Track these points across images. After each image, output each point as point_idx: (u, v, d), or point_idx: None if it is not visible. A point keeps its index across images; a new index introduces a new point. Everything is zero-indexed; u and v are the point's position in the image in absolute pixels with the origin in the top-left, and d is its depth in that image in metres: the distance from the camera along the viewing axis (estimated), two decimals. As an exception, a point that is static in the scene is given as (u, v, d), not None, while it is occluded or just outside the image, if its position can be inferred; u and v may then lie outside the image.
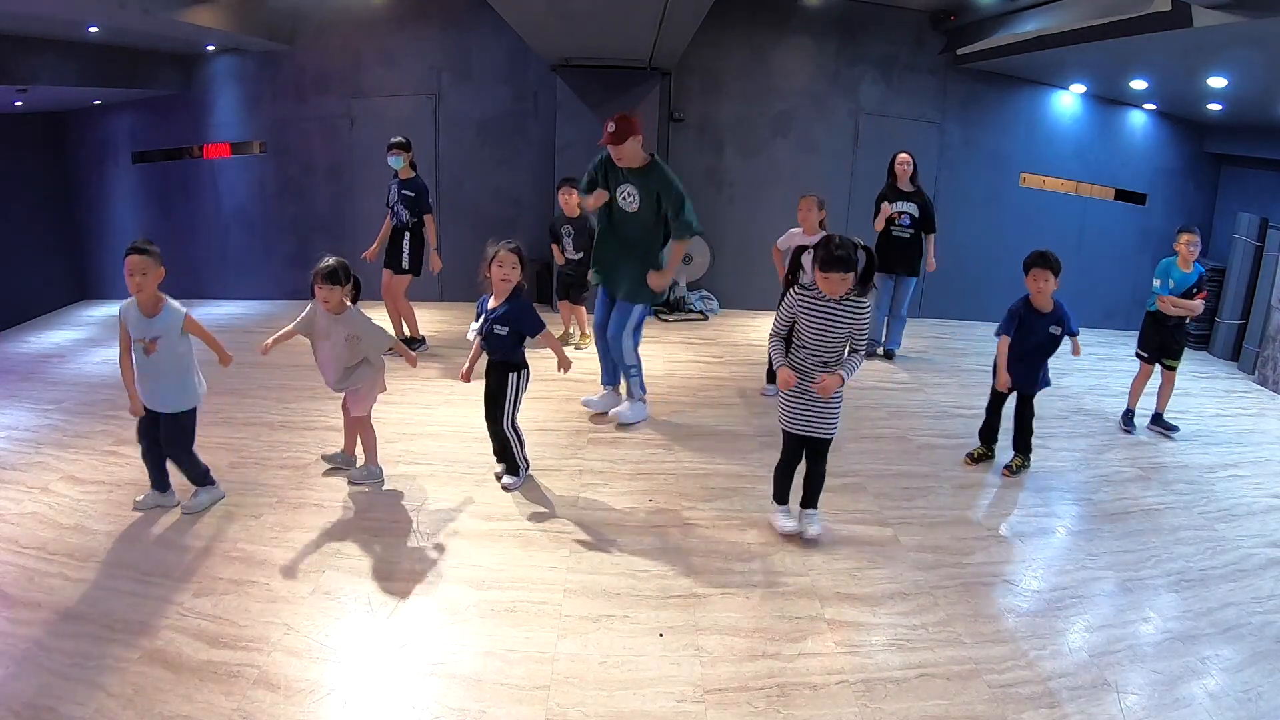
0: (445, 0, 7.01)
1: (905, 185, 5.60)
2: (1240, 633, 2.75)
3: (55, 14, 5.27)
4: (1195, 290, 4.48)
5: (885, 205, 5.58)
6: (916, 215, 5.57)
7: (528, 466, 3.66)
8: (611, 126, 3.88)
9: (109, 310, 7.58)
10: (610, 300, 4.32)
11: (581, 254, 5.48)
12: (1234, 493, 3.95)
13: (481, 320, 3.39)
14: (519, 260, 3.34)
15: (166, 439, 3.20)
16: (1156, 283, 4.55)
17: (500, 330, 3.35)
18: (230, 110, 7.61)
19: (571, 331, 6.01)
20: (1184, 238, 4.45)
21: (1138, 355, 4.77)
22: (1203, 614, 2.86)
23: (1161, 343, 4.63)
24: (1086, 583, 3.05)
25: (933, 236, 5.65)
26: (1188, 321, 4.66)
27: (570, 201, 5.48)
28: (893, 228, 5.57)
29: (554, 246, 5.72)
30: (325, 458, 3.72)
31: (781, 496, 3.31)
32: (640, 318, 4.28)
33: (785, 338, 3.10)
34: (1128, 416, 4.81)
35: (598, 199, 4.12)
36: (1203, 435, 4.76)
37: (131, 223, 8.24)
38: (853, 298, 2.93)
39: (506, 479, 3.59)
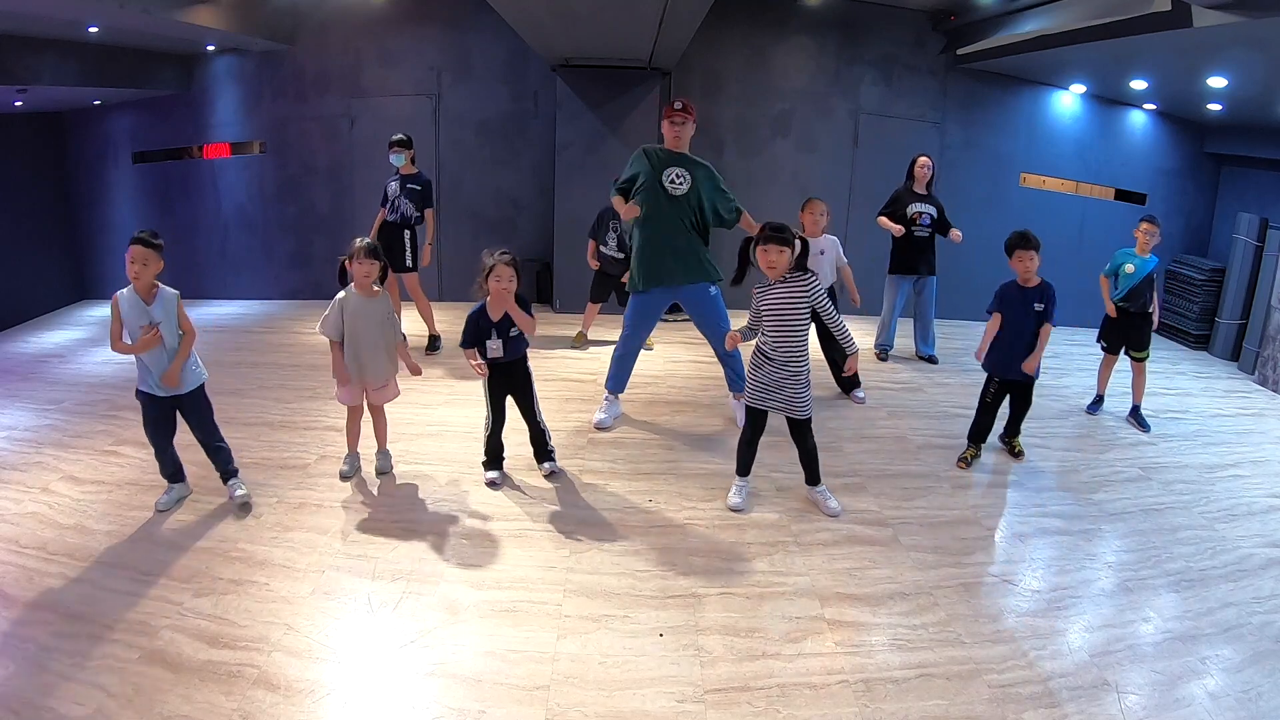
0: (445, 0, 7.02)
1: (921, 188, 5.60)
2: (1240, 633, 2.75)
3: (55, 14, 5.28)
4: (1154, 278, 4.64)
5: (886, 219, 5.57)
6: (936, 215, 5.58)
7: (554, 449, 3.76)
8: (679, 105, 3.99)
9: (109, 310, 7.57)
10: (654, 307, 4.25)
11: (624, 255, 5.48)
12: (1234, 493, 3.94)
13: (494, 335, 3.40)
14: (515, 272, 3.36)
15: (199, 423, 3.28)
16: (1130, 268, 4.64)
17: (515, 333, 3.45)
18: (230, 110, 7.62)
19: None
20: (1143, 225, 4.64)
21: (1099, 343, 4.92)
22: (1203, 614, 2.86)
23: (1124, 334, 4.74)
24: (1086, 583, 3.05)
25: (950, 227, 5.65)
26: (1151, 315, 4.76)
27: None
28: (914, 228, 5.54)
29: (591, 241, 5.61)
30: (344, 476, 3.64)
31: (742, 469, 3.50)
32: (722, 302, 4.29)
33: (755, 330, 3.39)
34: (1096, 402, 5.01)
35: (631, 210, 4.10)
36: (1203, 435, 4.76)
37: (131, 222, 8.24)
38: (795, 275, 3.22)
39: (546, 465, 3.69)
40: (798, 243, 3.21)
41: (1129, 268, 4.62)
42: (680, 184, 4.02)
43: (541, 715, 2.24)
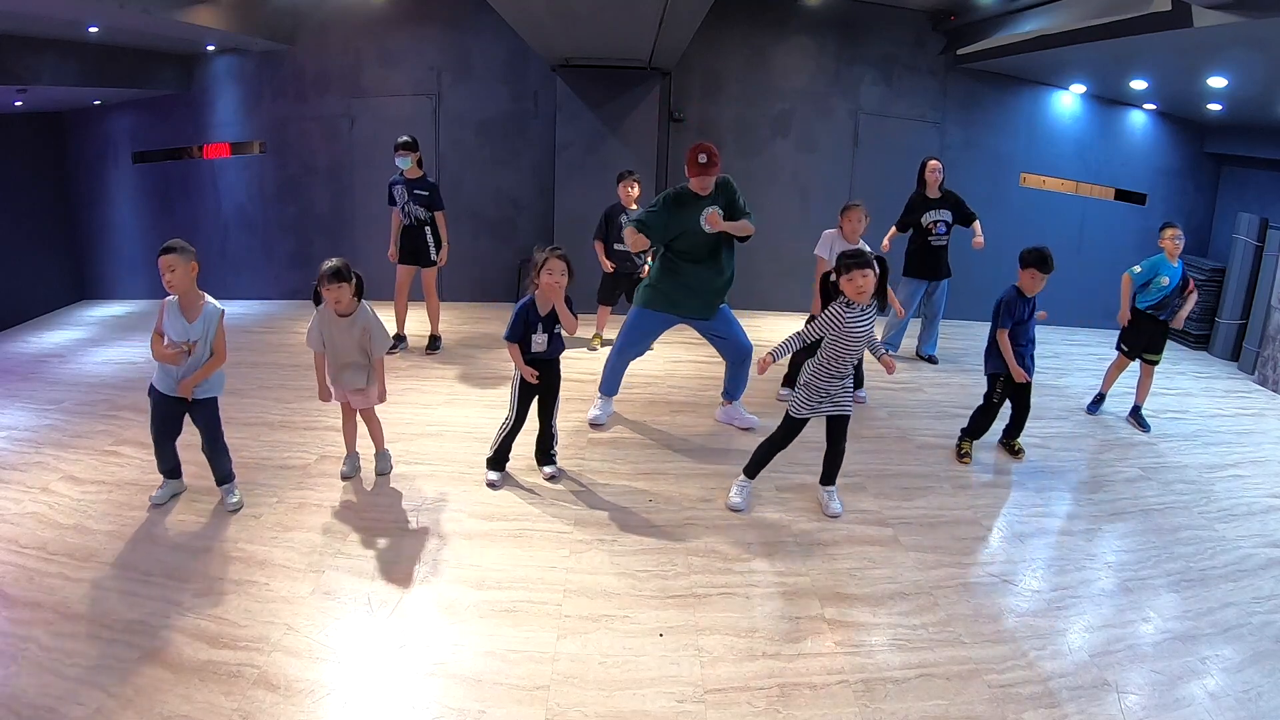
0: (445, 0, 7.01)
1: (934, 192, 5.56)
2: (1240, 633, 2.75)
3: (55, 14, 5.28)
4: (1182, 288, 4.64)
5: (892, 232, 5.56)
6: (951, 221, 5.56)
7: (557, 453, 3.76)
8: (704, 157, 3.82)
9: (109, 310, 7.59)
10: (656, 328, 4.25)
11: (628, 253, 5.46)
12: (1234, 493, 3.95)
13: (540, 329, 3.42)
14: (568, 266, 3.38)
15: (206, 429, 3.28)
16: (1165, 280, 4.60)
17: (559, 330, 3.48)
18: (230, 110, 7.61)
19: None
20: (1168, 232, 4.62)
21: (1119, 349, 4.86)
22: (1203, 614, 2.86)
23: (1147, 338, 4.71)
24: (1086, 583, 3.05)
25: (976, 222, 5.56)
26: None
27: (631, 195, 5.48)
28: (930, 237, 5.54)
29: (598, 244, 5.54)
30: (344, 477, 3.65)
31: (752, 471, 3.48)
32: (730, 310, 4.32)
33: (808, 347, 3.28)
34: (1097, 401, 5.01)
35: (639, 243, 4.00)
36: (1203, 435, 4.76)
37: (131, 223, 8.24)
38: (870, 307, 3.19)
39: (548, 469, 3.68)
40: (876, 264, 3.13)
41: (1164, 280, 4.60)
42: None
43: (541, 715, 2.24)
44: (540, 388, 3.54)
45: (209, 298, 3.20)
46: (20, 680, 2.29)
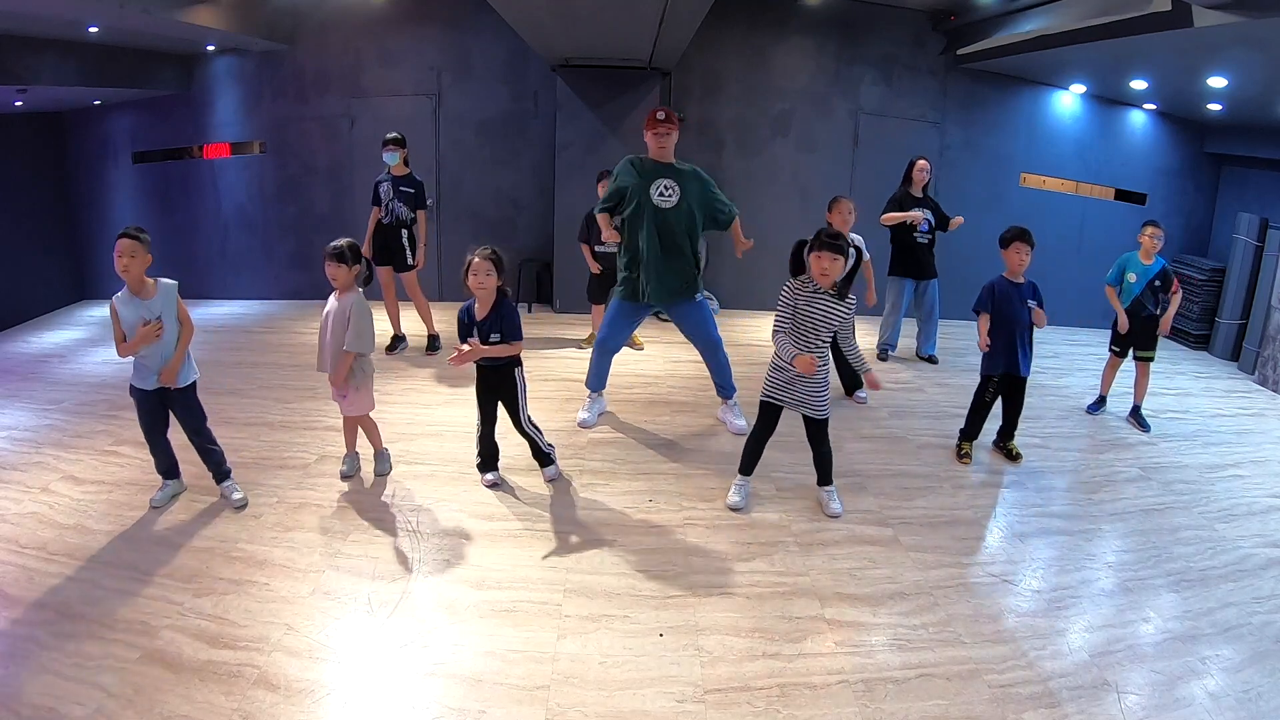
0: (445, 0, 7.01)
1: (918, 192, 5.60)
2: (1240, 633, 2.75)
3: (55, 14, 5.27)
4: (1158, 283, 4.63)
5: (894, 213, 5.56)
6: (934, 221, 5.58)
7: (553, 451, 3.72)
8: (662, 114, 3.91)
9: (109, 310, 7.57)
10: (635, 315, 4.26)
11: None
12: (1234, 493, 3.94)
13: (475, 333, 3.37)
14: (494, 265, 3.29)
15: (190, 422, 3.30)
16: (1132, 277, 4.62)
17: (496, 338, 3.35)
18: (230, 110, 7.61)
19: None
20: (1148, 230, 4.62)
21: (1111, 350, 4.88)
22: (1203, 614, 2.86)
23: (1132, 337, 4.73)
24: (1086, 583, 3.05)
25: (949, 220, 5.62)
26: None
27: None
28: (915, 234, 5.56)
29: (584, 247, 5.50)
30: (344, 476, 3.65)
31: (745, 468, 3.49)
32: (709, 310, 4.32)
33: (789, 331, 3.24)
34: (1098, 403, 5.01)
35: (612, 234, 4.00)
36: (1203, 435, 4.76)
37: (132, 223, 8.22)
38: (834, 295, 3.18)
39: (547, 471, 3.67)
40: (852, 252, 3.20)
41: (1131, 277, 4.62)
42: (670, 196, 3.99)
43: (541, 715, 2.24)
44: (495, 394, 3.49)
45: (160, 279, 3.20)
46: (20, 680, 2.29)
